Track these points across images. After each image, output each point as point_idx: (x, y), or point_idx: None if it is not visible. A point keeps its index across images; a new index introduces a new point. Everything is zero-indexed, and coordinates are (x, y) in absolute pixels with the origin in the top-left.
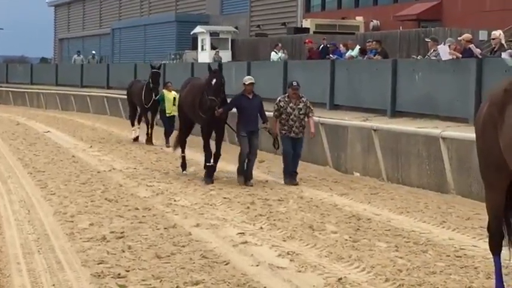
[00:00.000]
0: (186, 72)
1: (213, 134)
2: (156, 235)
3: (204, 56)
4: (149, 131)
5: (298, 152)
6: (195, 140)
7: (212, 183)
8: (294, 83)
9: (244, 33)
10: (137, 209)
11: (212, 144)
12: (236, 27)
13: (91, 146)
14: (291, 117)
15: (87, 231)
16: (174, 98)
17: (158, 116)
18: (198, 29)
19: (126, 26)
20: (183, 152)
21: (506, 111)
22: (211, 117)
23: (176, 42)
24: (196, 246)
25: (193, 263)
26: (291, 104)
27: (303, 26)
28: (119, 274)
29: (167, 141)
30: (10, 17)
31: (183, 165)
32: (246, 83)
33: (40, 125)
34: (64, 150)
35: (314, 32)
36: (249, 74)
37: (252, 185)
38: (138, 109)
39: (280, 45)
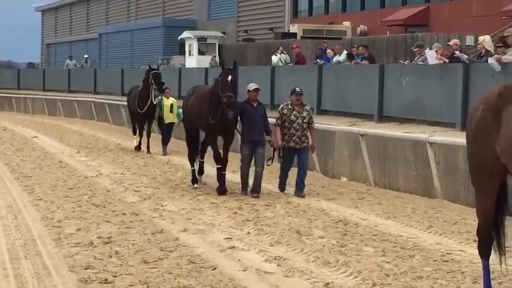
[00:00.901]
0: (174, 77)
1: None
2: (144, 240)
3: (192, 61)
4: (141, 139)
5: (303, 163)
6: (183, 145)
7: (225, 193)
8: (297, 89)
9: (232, 39)
10: (124, 214)
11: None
12: (223, 33)
13: (78, 151)
14: (294, 125)
15: (74, 237)
16: (172, 105)
17: (156, 123)
18: (186, 34)
19: (113, 31)
20: (192, 165)
21: (502, 115)
22: (220, 123)
23: (163, 48)
24: (183, 251)
25: (181, 268)
26: (294, 112)
27: (290, 31)
28: (106, 279)
29: (164, 150)
30: None
31: (194, 180)
32: (251, 89)
33: (27, 130)
34: (51, 156)
35: (301, 37)
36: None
37: (257, 197)
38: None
39: (281, 48)
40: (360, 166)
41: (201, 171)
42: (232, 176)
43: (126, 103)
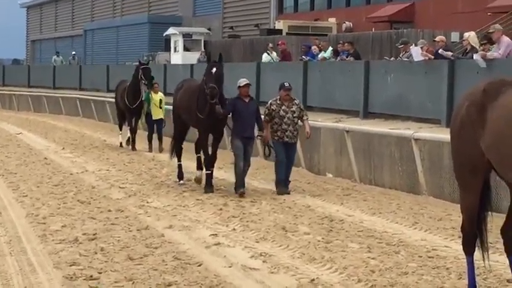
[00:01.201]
0: (159, 74)
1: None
2: (129, 237)
3: (177, 57)
4: (132, 136)
5: (291, 159)
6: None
7: (212, 192)
8: (286, 84)
9: (217, 35)
10: (110, 210)
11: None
12: (209, 29)
13: (63, 148)
14: (284, 120)
15: (60, 233)
16: (161, 100)
17: (143, 119)
18: (171, 30)
19: (98, 27)
20: (179, 160)
21: (487, 111)
22: (209, 118)
23: (149, 44)
24: (168, 248)
25: (166, 264)
26: (283, 107)
27: (276, 28)
28: (91, 276)
29: (150, 146)
30: None
31: (180, 175)
32: (241, 85)
33: (12, 126)
34: (36, 152)
35: (287, 34)
36: None
37: (243, 193)
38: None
39: (271, 45)
40: (345, 162)
41: (199, 165)
42: (218, 173)
43: (111, 99)
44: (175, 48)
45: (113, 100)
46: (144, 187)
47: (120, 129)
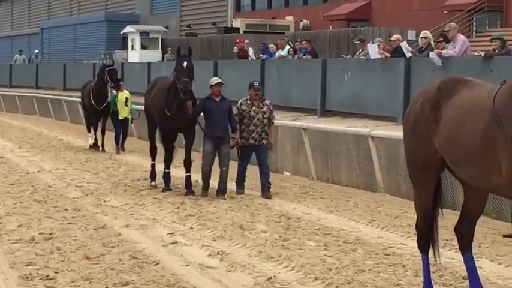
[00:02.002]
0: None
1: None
2: (86, 236)
3: (134, 55)
4: (96, 136)
5: (264, 161)
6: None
7: (170, 190)
8: (256, 84)
9: (175, 33)
10: (66, 210)
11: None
12: (166, 27)
13: (20, 147)
14: (254, 121)
15: (16, 233)
16: (127, 99)
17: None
18: (128, 28)
19: (55, 25)
20: (153, 160)
21: (441, 109)
22: (176, 116)
23: (106, 42)
24: (125, 247)
25: (123, 263)
26: (253, 107)
27: (233, 26)
28: (48, 276)
29: (117, 148)
30: None
31: (152, 175)
32: (213, 84)
33: None
34: None
35: (244, 32)
36: None
37: (224, 199)
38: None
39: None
40: (302, 160)
41: (188, 184)
42: (175, 171)
43: (68, 98)
44: (132, 46)
45: (70, 99)
46: (101, 186)
47: (89, 131)
